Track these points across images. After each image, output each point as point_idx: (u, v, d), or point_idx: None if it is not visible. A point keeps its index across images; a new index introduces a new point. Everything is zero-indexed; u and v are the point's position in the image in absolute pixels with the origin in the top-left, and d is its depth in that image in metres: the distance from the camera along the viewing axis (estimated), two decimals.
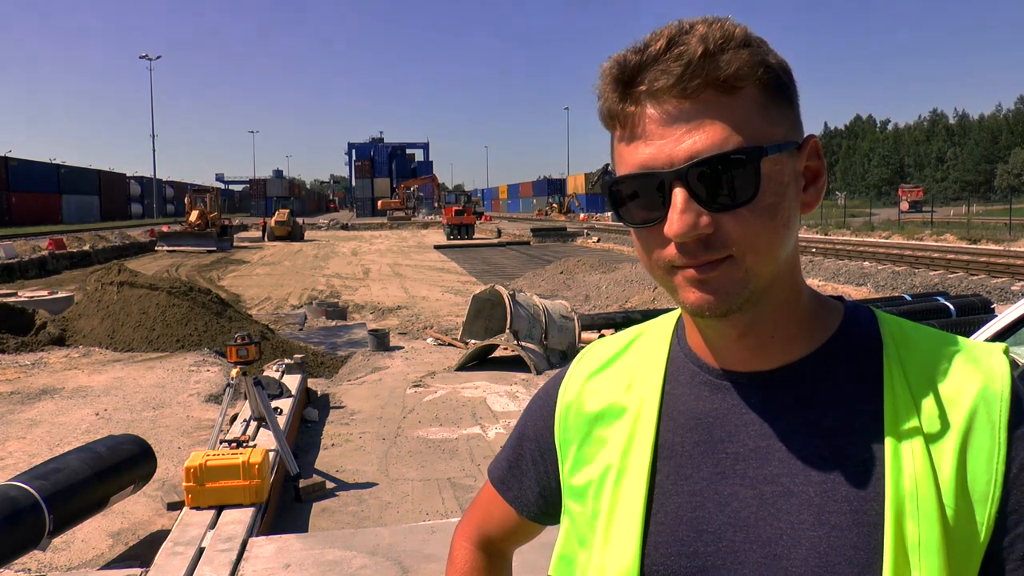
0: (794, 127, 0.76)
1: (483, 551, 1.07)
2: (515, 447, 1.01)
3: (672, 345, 0.88)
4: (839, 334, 0.80)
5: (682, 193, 0.70)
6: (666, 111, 0.71)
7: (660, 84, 0.70)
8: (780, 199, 0.72)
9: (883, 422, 0.74)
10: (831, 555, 0.72)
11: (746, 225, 0.71)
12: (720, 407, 0.81)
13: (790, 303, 0.79)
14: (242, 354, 5.55)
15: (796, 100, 0.77)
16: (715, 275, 0.72)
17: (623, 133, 0.75)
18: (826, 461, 0.75)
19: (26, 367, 9.95)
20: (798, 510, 0.74)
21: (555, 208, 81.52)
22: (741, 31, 0.72)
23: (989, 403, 0.73)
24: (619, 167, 0.76)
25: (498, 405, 7.86)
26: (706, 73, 0.69)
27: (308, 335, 13.21)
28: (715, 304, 0.73)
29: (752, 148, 0.70)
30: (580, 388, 0.91)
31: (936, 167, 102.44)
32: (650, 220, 0.73)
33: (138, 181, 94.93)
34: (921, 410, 0.74)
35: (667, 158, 0.70)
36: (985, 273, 18.23)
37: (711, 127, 0.70)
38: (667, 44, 0.71)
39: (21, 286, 19.92)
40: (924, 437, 0.72)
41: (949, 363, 0.76)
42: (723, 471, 0.78)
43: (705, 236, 0.71)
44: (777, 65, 0.74)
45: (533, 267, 25.27)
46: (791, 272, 0.78)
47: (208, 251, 36.00)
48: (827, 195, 59.31)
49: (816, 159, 0.78)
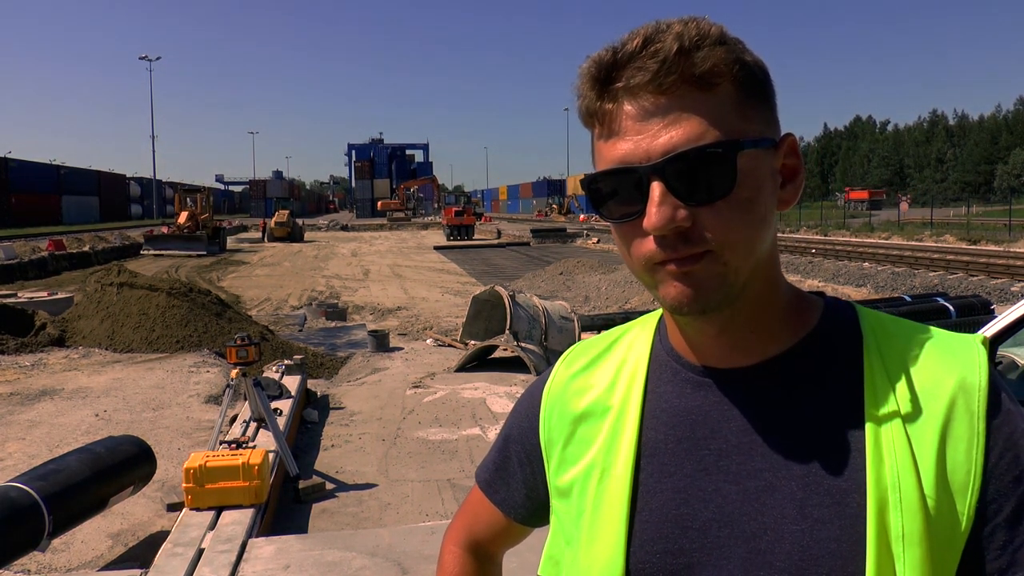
0: (770, 125, 0.76)
1: (472, 555, 1.07)
2: (501, 450, 1.01)
3: (654, 343, 0.88)
4: (819, 329, 0.81)
5: (659, 187, 0.71)
6: (643, 107, 0.72)
7: (636, 80, 0.71)
8: (757, 194, 0.73)
9: (863, 415, 0.75)
10: (814, 548, 0.72)
11: (723, 219, 0.71)
12: (702, 404, 0.81)
13: (769, 299, 0.79)
14: (242, 355, 5.56)
15: (773, 99, 0.77)
16: (696, 268, 0.72)
17: (601, 131, 0.76)
18: (808, 455, 0.75)
19: (26, 368, 9.94)
20: (781, 504, 0.75)
21: (555, 209, 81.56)
22: (717, 30, 0.73)
23: (968, 393, 0.74)
24: (598, 163, 0.77)
25: (498, 406, 7.86)
26: (682, 69, 0.70)
27: (308, 336, 13.20)
28: (694, 299, 0.73)
29: (728, 142, 0.71)
30: (563, 388, 0.92)
31: (936, 168, 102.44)
32: (629, 215, 0.74)
33: (138, 182, 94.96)
34: (901, 402, 0.74)
35: (644, 153, 0.71)
36: (985, 274, 18.25)
37: (687, 122, 0.71)
38: (643, 42, 0.72)
39: (21, 287, 19.90)
40: (904, 429, 0.73)
41: (928, 355, 0.77)
42: (706, 467, 0.79)
43: (684, 229, 0.71)
44: (753, 63, 0.75)
45: (533, 268, 25.28)
46: (769, 268, 0.78)
47: (198, 256, 33.83)
48: (827, 196, 59.19)
49: (793, 157, 0.79)
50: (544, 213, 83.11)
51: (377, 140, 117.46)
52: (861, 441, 0.74)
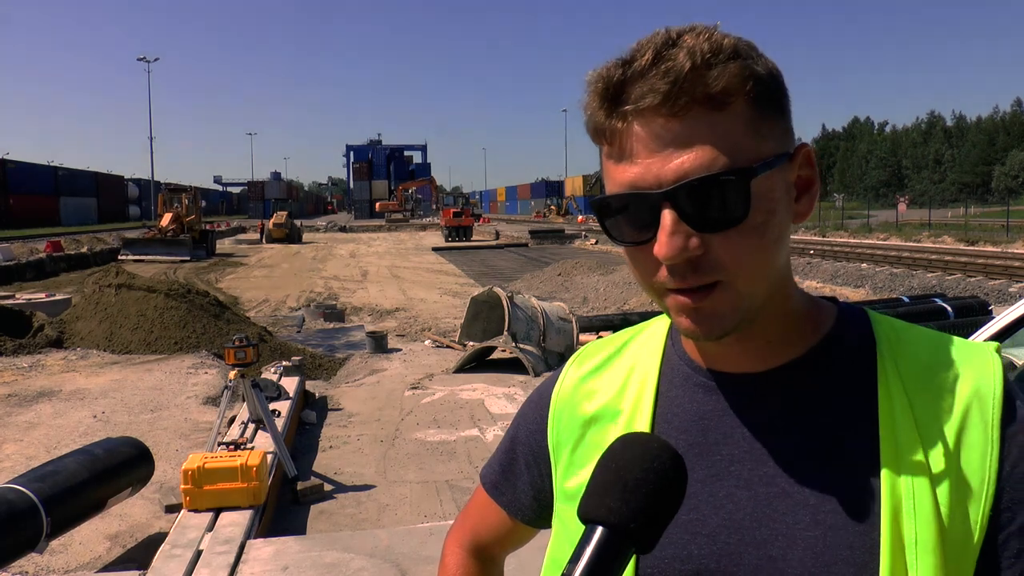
0: (785, 137, 0.75)
1: (475, 557, 1.06)
2: (508, 451, 1.00)
3: (666, 347, 0.87)
4: (832, 335, 0.80)
5: (671, 215, 0.69)
6: (653, 130, 0.69)
7: (647, 102, 0.69)
8: (770, 216, 0.72)
9: (877, 421, 0.74)
10: (827, 555, 0.72)
11: (735, 246, 0.70)
12: (714, 409, 0.81)
13: (782, 308, 0.79)
14: (240, 356, 5.55)
15: (787, 108, 0.75)
16: (706, 304, 0.71)
17: (611, 150, 0.73)
18: (821, 461, 0.75)
19: (24, 369, 9.93)
20: (794, 511, 0.74)
21: (553, 210, 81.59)
22: (730, 42, 0.71)
23: (982, 401, 0.74)
24: (608, 185, 0.75)
25: (496, 407, 7.86)
26: (694, 90, 0.68)
27: (306, 337, 13.19)
28: (708, 331, 0.73)
29: (741, 169, 0.69)
30: (573, 391, 0.91)
31: (934, 169, 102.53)
32: (640, 240, 0.73)
33: (136, 183, 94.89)
34: (915, 409, 0.74)
35: (655, 178, 0.69)
36: (983, 275, 18.27)
37: (699, 147, 0.69)
38: (654, 58, 0.69)
39: (19, 288, 19.87)
40: (919, 436, 0.73)
41: (942, 362, 0.77)
42: (718, 473, 0.78)
43: (695, 258, 0.70)
44: (767, 75, 0.72)
45: (531, 269, 25.29)
46: (783, 281, 0.78)
47: (181, 261, 30.80)
48: (825, 197, 58.90)
49: (808, 168, 0.77)
50: (542, 214, 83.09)
51: (375, 141, 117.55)
52: (875, 448, 0.74)
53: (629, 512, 0.62)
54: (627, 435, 0.68)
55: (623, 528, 0.62)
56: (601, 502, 0.64)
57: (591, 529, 0.63)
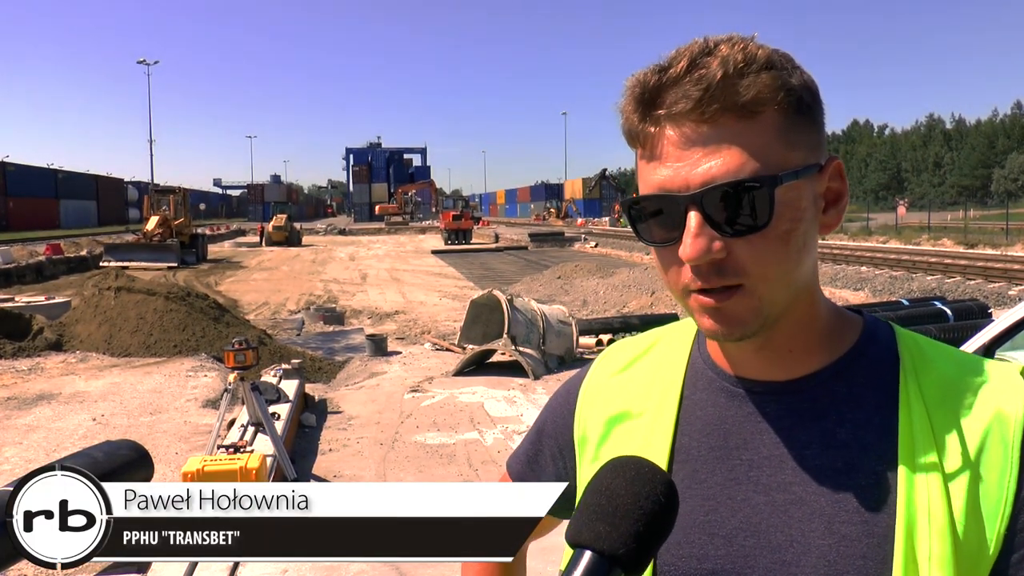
0: (815, 149, 0.76)
1: None
2: (534, 442, 1.02)
3: (692, 351, 0.89)
4: (857, 348, 0.81)
5: (696, 217, 0.71)
6: (684, 134, 0.72)
7: (679, 108, 0.71)
8: (796, 224, 0.73)
9: (897, 436, 0.75)
10: (840, 564, 0.73)
11: (758, 252, 0.72)
12: (736, 414, 0.82)
13: (808, 319, 0.80)
14: (240, 359, 5.55)
15: (820, 120, 0.77)
16: (728, 304, 0.73)
17: (644, 153, 0.76)
18: (839, 472, 0.76)
19: (23, 372, 9.93)
20: (809, 518, 0.75)
21: (553, 213, 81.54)
22: (764, 53, 0.72)
23: (1003, 423, 0.74)
24: (641, 186, 0.78)
25: (496, 410, 7.86)
26: (725, 97, 0.70)
27: (306, 340, 13.19)
28: (728, 332, 0.75)
29: (767, 177, 0.71)
30: (600, 388, 0.93)
31: (933, 172, 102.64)
32: (667, 240, 0.75)
33: (136, 186, 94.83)
34: (935, 426, 0.75)
35: (683, 181, 0.72)
36: (982, 278, 18.26)
37: (728, 153, 0.70)
38: (688, 66, 0.72)
39: (18, 291, 19.87)
40: (937, 453, 0.73)
41: (965, 381, 0.77)
42: (737, 477, 0.80)
43: (718, 261, 0.72)
44: (800, 87, 0.74)
45: (531, 272, 25.29)
46: (808, 291, 0.79)
47: (168, 268, 28.40)
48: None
49: (838, 180, 0.79)
50: (542, 217, 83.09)
51: (375, 144, 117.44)
52: (893, 463, 0.74)
53: (619, 538, 0.62)
54: (619, 458, 0.69)
55: (612, 554, 0.62)
56: (591, 527, 0.63)
57: (579, 553, 0.63)
